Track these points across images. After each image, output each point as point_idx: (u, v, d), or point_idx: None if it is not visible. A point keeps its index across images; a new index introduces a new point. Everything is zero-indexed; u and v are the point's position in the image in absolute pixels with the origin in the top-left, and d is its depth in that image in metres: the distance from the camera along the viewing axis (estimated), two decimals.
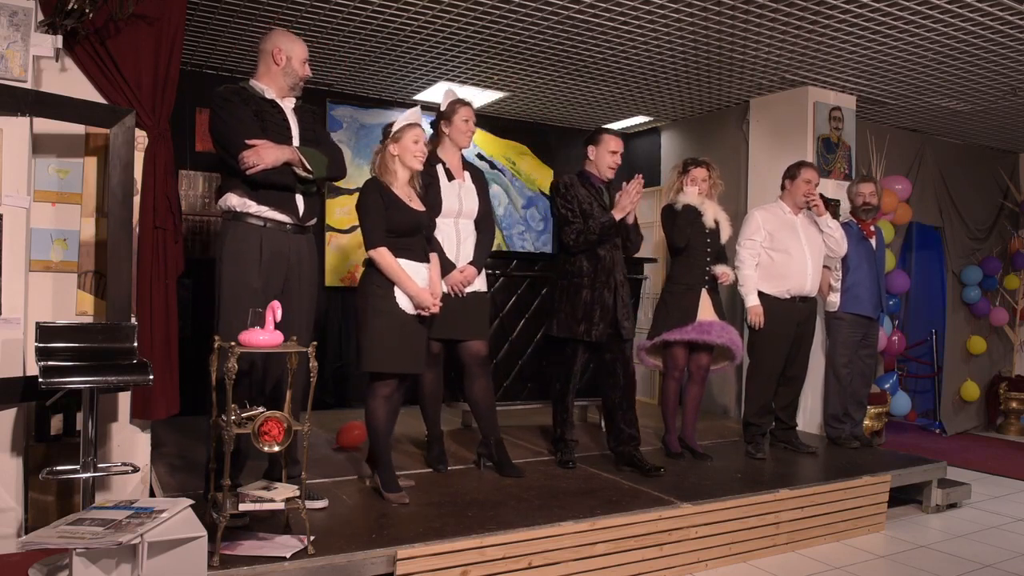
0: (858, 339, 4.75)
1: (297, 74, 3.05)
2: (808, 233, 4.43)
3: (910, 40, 4.32)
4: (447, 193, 3.52)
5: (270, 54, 3.02)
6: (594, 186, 3.83)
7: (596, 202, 3.77)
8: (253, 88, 3.03)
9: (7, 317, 2.93)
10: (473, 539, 2.78)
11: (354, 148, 5.82)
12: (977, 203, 6.89)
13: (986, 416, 7.15)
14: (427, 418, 3.74)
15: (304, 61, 3.08)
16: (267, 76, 3.05)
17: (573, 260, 3.77)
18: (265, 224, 2.96)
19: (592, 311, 3.69)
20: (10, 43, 2.94)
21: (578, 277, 3.73)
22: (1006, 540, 3.86)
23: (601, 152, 3.84)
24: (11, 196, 2.94)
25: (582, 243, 3.71)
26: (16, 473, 2.99)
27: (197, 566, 2.29)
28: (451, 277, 3.47)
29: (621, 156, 3.86)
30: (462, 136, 3.60)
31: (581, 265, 3.74)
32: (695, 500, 3.34)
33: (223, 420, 2.58)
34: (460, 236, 3.56)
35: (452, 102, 3.63)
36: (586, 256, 3.74)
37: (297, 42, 3.07)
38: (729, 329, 4.15)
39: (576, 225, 3.71)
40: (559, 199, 3.77)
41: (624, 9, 3.99)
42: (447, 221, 3.53)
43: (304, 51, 3.09)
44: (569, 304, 3.73)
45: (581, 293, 3.71)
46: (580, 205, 3.73)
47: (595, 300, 3.70)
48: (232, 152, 2.86)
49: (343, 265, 5.85)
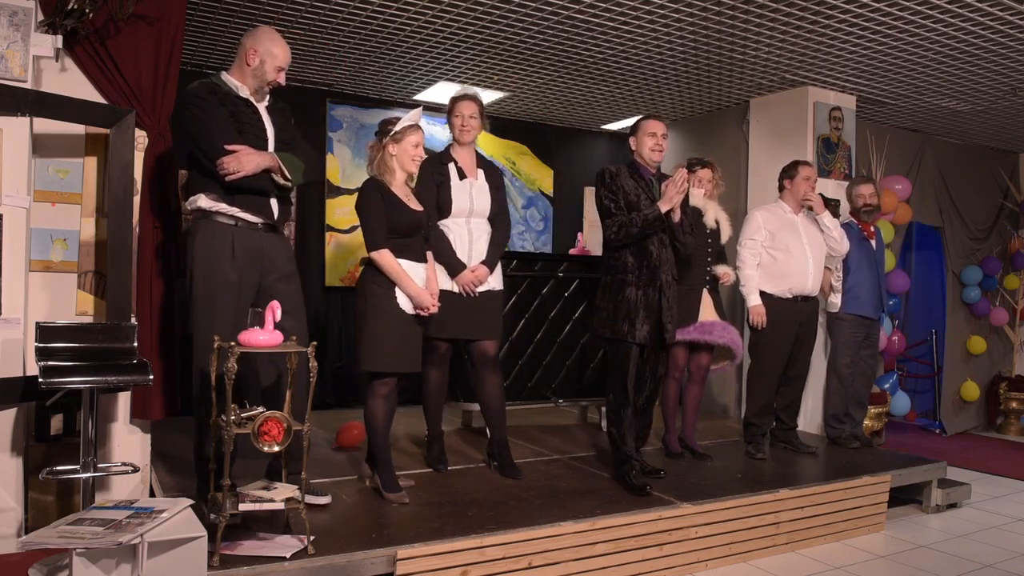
0: (860, 339, 4.75)
1: (266, 79, 2.94)
2: (809, 232, 4.43)
3: (910, 40, 4.32)
4: (457, 192, 3.49)
5: (245, 51, 2.93)
6: (643, 178, 3.56)
7: (644, 194, 3.51)
8: (227, 84, 2.94)
9: (7, 317, 2.93)
10: (473, 539, 2.78)
11: (354, 148, 5.82)
12: (977, 203, 6.89)
13: (986, 416, 7.15)
14: (429, 417, 3.72)
15: (279, 69, 2.94)
16: (239, 72, 2.96)
17: (618, 256, 3.52)
18: (236, 223, 2.89)
19: (636, 310, 3.45)
20: (10, 43, 2.94)
21: (622, 273, 3.49)
22: (1006, 540, 3.86)
23: (641, 139, 3.58)
24: (11, 196, 2.94)
25: (623, 237, 3.45)
26: (16, 473, 2.99)
27: (197, 566, 2.29)
28: (462, 276, 3.43)
29: (665, 138, 3.59)
30: (458, 132, 3.55)
31: (626, 261, 3.50)
32: (695, 500, 3.34)
33: (223, 420, 2.58)
34: (472, 235, 3.51)
35: (451, 98, 3.60)
36: (632, 252, 3.49)
37: (277, 46, 2.94)
38: (730, 329, 4.15)
39: (618, 218, 3.46)
40: (603, 189, 3.51)
41: (624, 9, 3.99)
42: (458, 220, 3.50)
43: (283, 58, 2.95)
44: (611, 301, 3.50)
45: (625, 291, 3.47)
46: (626, 197, 3.48)
47: (640, 299, 3.45)
48: (210, 156, 2.77)
49: (343, 265, 5.85)
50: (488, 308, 3.54)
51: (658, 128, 3.57)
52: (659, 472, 3.67)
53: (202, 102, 2.83)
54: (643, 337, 3.45)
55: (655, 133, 3.55)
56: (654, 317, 3.48)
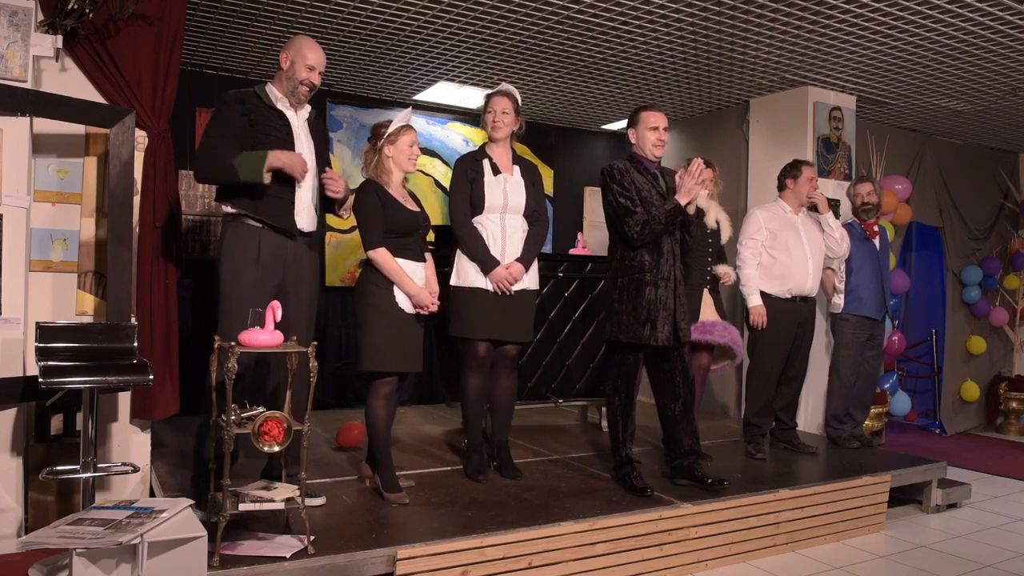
0: (863, 340, 4.74)
1: (296, 78, 2.99)
2: (809, 232, 4.43)
3: (910, 40, 4.32)
4: (491, 187, 3.42)
5: (280, 59, 3.05)
6: (648, 171, 3.46)
7: (654, 188, 3.41)
8: (267, 94, 3.01)
9: (7, 317, 2.93)
10: (473, 539, 2.78)
11: (354, 148, 5.82)
12: (977, 203, 6.89)
13: (986, 416, 7.15)
14: (468, 425, 3.60)
15: (310, 67, 3.00)
16: (277, 82, 3.06)
17: (635, 255, 3.38)
18: (263, 226, 2.96)
19: (655, 312, 3.33)
20: (10, 43, 2.95)
21: (639, 274, 3.36)
22: (1006, 540, 3.86)
23: (640, 131, 3.47)
24: (11, 196, 2.94)
25: (647, 235, 3.31)
26: (16, 473, 2.99)
27: (197, 566, 2.28)
28: (496, 274, 3.36)
29: (667, 131, 3.49)
30: (491, 128, 3.48)
31: (643, 260, 3.36)
32: (695, 500, 3.34)
33: (223, 420, 2.58)
34: (506, 232, 3.43)
35: (487, 95, 3.53)
36: (648, 249, 3.37)
37: (307, 46, 3.02)
38: (731, 329, 4.15)
39: (639, 215, 3.31)
40: (615, 187, 3.37)
41: (624, 9, 3.99)
42: (492, 217, 3.43)
43: (314, 59, 3.01)
44: (631, 304, 3.35)
45: (644, 292, 3.34)
46: (639, 192, 3.36)
47: (658, 300, 3.34)
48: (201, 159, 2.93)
49: (343, 265, 5.85)
50: (521, 308, 3.47)
51: (660, 121, 3.46)
52: (723, 483, 3.47)
53: (225, 108, 2.93)
54: (664, 339, 3.34)
55: (657, 127, 3.45)
56: (671, 318, 3.38)
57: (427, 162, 6.14)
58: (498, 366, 3.54)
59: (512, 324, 3.45)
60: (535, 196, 3.54)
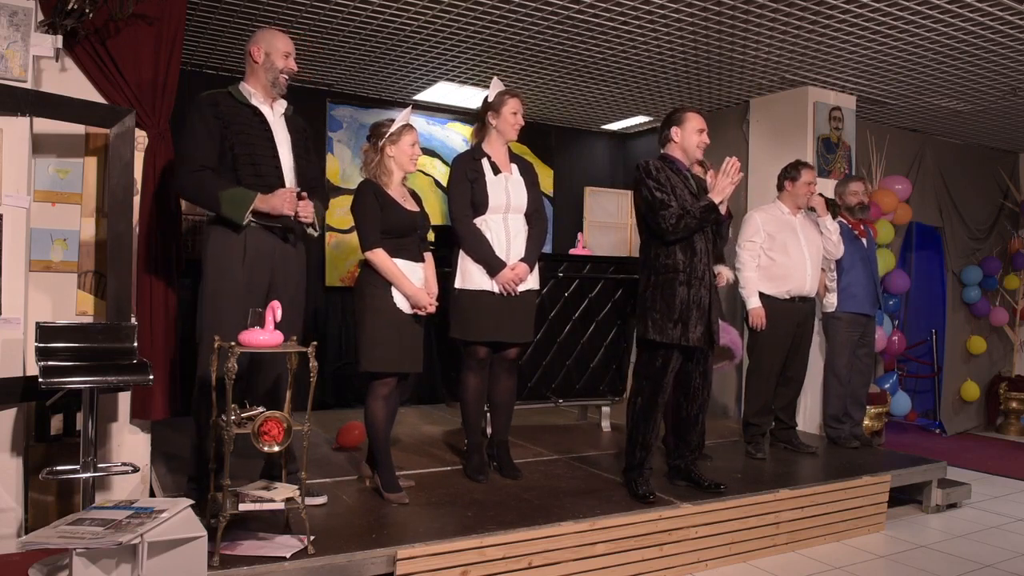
0: (856, 338, 4.75)
1: (277, 67, 2.97)
2: (807, 233, 4.43)
3: (910, 40, 4.32)
4: (493, 187, 3.40)
5: (250, 54, 2.99)
6: (680, 171, 3.46)
7: (686, 188, 3.40)
8: (240, 94, 2.97)
9: (7, 317, 2.93)
10: (473, 539, 2.78)
11: (354, 148, 5.82)
12: (977, 203, 6.89)
13: (986, 416, 7.15)
14: (468, 425, 3.60)
15: (286, 54, 2.99)
16: (252, 78, 3.01)
17: (668, 253, 3.35)
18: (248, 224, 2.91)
19: (689, 312, 3.30)
20: (10, 43, 2.95)
21: (673, 272, 3.33)
22: (1006, 540, 3.86)
23: (688, 132, 3.48)
24: (11, 196, 2.94)
25: (681, 229, 3.28)
26: (16, 473, 2.99)
27: (197, 566, 2.28)
28: (502, 275, 3.34)
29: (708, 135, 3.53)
30: (510, 129, 3.45)
31: (677, 258, 3.33)
32: (695, 500, 3.34)
33: (223, 420, 2.58)
34: (510, 232, 3.41)
35: (501, 93, 3.48)
36: (681, 248, 3.34)
37: (277, 36, 3.01)
38: (730, 330, 4.16)
39: (674, 209, 3.28)
40: (651, 182, 3.35)
41: (624, 9, 3.99)
42: (495, 217, 3.40)
43: (285, 44, 3.00)
44: (664, 303, 3.32)
45: (677, 290, 3.31)
46: (673, 189, 3.35)
47: (692, 299, 3.31)
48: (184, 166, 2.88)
49: (343, 265, 5.85)
50: (524, 309, 3.46)
51: (705, 124, 3.54)
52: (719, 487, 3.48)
53: (197, 113, 2.88)
54: (696, 339, 3.32)
55: (704, 129, 3.52)
56: (704, 318, 3.35)
57: (427, 162, 6.15)
58: (498, 366, 3.54)
59: (515, 325, 3.44)
60: (534, 195, 3.53)
